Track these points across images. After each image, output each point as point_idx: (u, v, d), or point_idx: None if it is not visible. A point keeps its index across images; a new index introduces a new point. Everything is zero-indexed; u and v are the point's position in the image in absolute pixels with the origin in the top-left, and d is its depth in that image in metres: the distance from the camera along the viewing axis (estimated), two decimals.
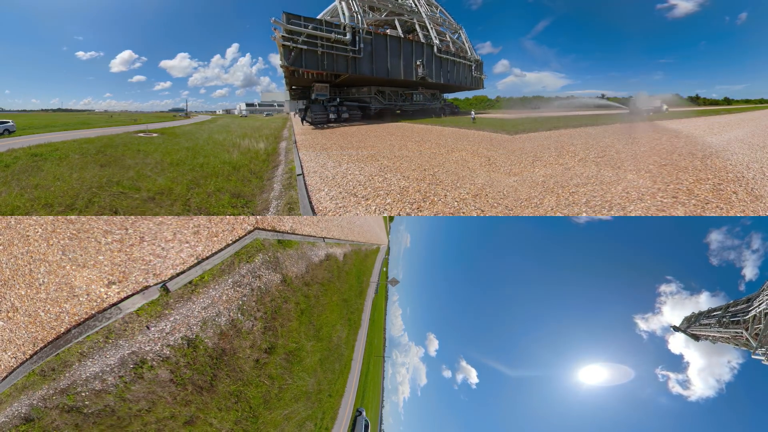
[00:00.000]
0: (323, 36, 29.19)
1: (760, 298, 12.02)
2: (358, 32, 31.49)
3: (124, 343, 6.66)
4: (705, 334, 17.31)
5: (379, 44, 34.00)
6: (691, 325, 19.30)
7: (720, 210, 7.75)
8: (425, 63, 38.21)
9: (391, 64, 35.35)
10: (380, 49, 34.19)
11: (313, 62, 29.77)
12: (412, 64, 37.30)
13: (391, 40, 35.39)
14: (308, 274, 11.95)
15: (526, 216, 7.89)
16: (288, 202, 9.77)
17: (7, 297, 6.47)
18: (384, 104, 41.53)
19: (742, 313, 13.19)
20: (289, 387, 9.66)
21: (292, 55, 28.18)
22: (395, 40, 35.95)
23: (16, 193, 9.38)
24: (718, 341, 15.93)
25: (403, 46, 36.18)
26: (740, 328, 12.78)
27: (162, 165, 13.93)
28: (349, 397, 19.56)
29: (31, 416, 6.04)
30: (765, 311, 10.83)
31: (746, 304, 13.46)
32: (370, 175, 11.23)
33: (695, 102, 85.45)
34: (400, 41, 36.22)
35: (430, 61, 39.54)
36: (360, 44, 31.83)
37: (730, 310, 14.72)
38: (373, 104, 40.23)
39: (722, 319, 14.94)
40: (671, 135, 21.52)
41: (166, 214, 8.61)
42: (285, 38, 27.01)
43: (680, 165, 11.91)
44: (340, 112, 36.05)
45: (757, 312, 11.73)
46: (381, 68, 34.78)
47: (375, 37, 33.54)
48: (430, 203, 8.46)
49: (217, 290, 7.91)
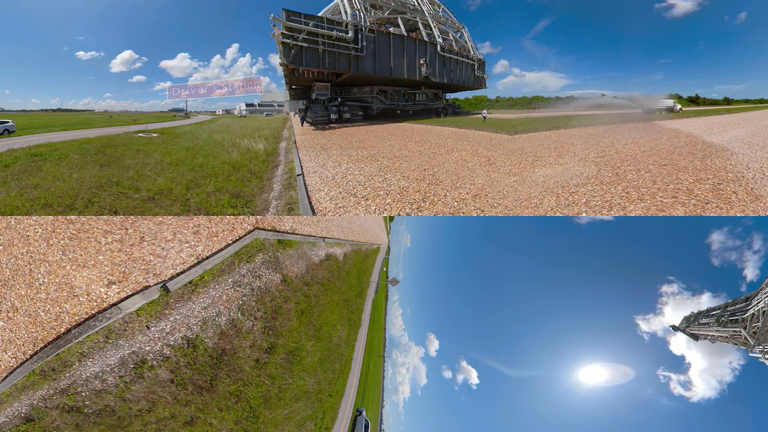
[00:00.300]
0: (325, 34, 28.44)
1: (758, 297, 12.02)
2: (361, 30, 30.46)
3: (125, 343, 6.66)
4: (704, 334, 17.31)
5: (382, 42, 32.92)
6: (691, 324, 19.30)
7: (720, 210, 7.75)
8: (428, 62, 37.57)
9: (394, 63, 34.30)
10: (383, 48, 33.12)
11: (314, 60, 28.72)
12: (416, 63, 36.44)
13: (395, 39, 34.32)
14: (308, 273, 11.95)
15: (529, 216, 7.90)
16: (288, 203, 9.78)
17: (7, 297, 6.47)
18: (386, 104, 40.78)
19: (741, 312, 13.19)
20: (290, 387, 9.67)
21: (292, 53, 27.33)
22: (398, 38, 34.91)
23: (16, 193, 9.39)
24: (717, 341, 15.94)
25: (406, 45, 35.27)
26: (739, 326, 12.78)
27: (162, 165, 13.94)
28: (350, 397, 19.57)
29: (32, 416, 6.05)
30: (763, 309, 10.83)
31: (745, 303, 13.46)
32: (370, 175, 11.24)
33: (695, 102, 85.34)
34: (403, 40, 35.25)
35: (434, 60, 38.60)
36: (363, 42, 30.71)
37: (729, 309, 14.72)
38: (375, 104, 39.49)
39: (721, 319, 14.94)
40: (671, 135, 21.53)
41: (165, 214, 8.61)
42: (285, 35, 26.33)
43: (680, 165, 11.92)
44: (341, 112, 35.29)
45: (755, 310, 11.74)
46: (384, 67, 33.74)
47: (378, 35, 32.45)
48: (430, 203, 8.46)
49: (217, 290, 7.91)
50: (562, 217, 7.58)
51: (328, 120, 34.12)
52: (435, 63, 38.90)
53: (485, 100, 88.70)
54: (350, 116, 35.91)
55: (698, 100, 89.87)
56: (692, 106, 76.85)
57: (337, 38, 29.18)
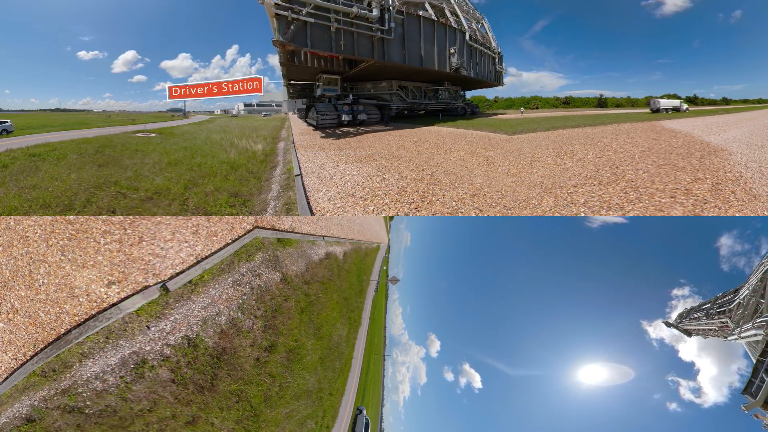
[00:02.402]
0: (340, 10, 21.28)
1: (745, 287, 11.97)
2: (388, 10, 23.94)
3: (125, 343, 6.68)
4: (694, 328, 17.31)
5: (411, 26, 26.28)
6: (683, 320, 19.29)
7: (718, 210, 7.79)
8: (458, 52, 31.25)
9: (425, 51, 27.49)
10: (413, 33, 26.56)
11: (324, 41, 21.12)
12: (446, 52, 29.89)
13: (425, 23, 27.59)
14: (308, 272, 11.98)
15: (544, 216, 7.93)
16: (286, 203, 9.79)
17: (7, 298, 6.48)
18: (408, 102, 34.48)
19: (728, 303, 13.19)
20: (290, 385, 9.70)
21: (291, 30, 19.40)
22: (429, 22, 28.10)
23: (15, 194, 9.38)
24: (709, 335, 15.92)
25: (437, 31, 28.68)
26: (725, 317, 12.76)
27: (160, 165, 13.93)
28: (350, 396, 19.61)
29: (33, 416, 6.06)
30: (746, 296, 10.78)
31: (733, 294, 13.43)
32: (368, 175, 11.25)
33: (693, 102, 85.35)
34: (434, 24, 28.47)
35: (462, 50, 32.09)
36: (390, 23, 23.82)
37: (718, 302, 14.72)
38: (395, 103, 33.12)
39: (710, 311, 14.93)
40: (669, 135, 21.59)
41: (164, 213, 8.62)
42: (279, 6, 18.70)
43: (678, 165, 11.96)
44: (355, 112, 28.99)
45: (741, 299, 11.68)
46: (414, 55, 26.65)
47: (407, 17, 26.00)
48: (429, 203, 8.48)
49: (217, 289, 7.93)
50: (573, 217, 7.62)
51: (338, 122, 28.39)
52: (463, 53, 32.50)
53: (483, 100, 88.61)
54: (366, 117, 29.98)
55: (697, 101, 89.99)
56: (691, 106, 76.98)
57: (357, 16, 22.26)
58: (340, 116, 28.35)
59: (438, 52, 29.04)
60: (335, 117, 28.33)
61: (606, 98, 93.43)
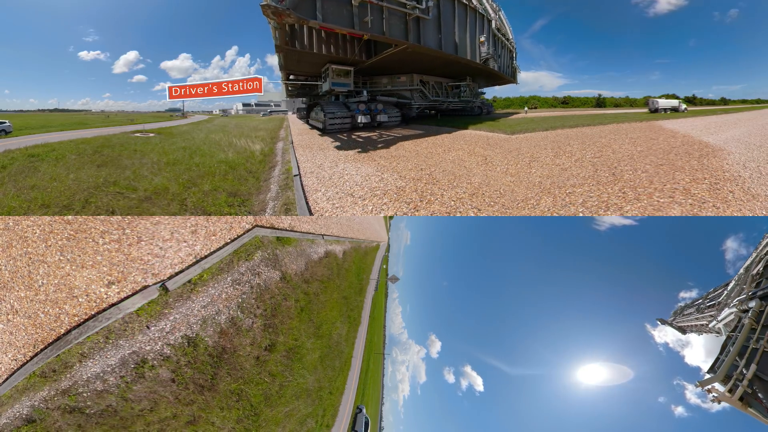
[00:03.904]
0: None
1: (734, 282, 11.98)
2: None
3: (125, 343, 6.69)
4: (687, 325, 17.32)
5: (446, 9, 21.40)
6: (677, 317, 19.28)
7: (717, 209, 7.82)
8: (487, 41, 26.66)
9: (458, 37, 22.60)
10: (448, 16, 21.77)
11: (342, 16, 15.30)
12: (476, 41, 25.24)
13: (459, 6, 22.79)
14: (308, 271, 12.00)
15: (549, 216, 7.95)
16: (285, 203, 9.80)
17: (6, 299, 6.48)
18: (430, 100, 29.39)
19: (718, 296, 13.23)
20: (290, 384, 9.72)
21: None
22: (462, 6, 23.23)
23: (13, 194, 9.38)
24: (702, 332, 15.94)
25: (468, 16, 24.15)
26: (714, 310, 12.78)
27: (159, 165, 13.92)
28: (350, 395, 19.65)
29: (33, 417, 6.07)
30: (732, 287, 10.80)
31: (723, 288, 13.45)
32: (367, 175, 11.27)
33: (692, 102, 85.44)
34: (466, 9, 23.63)
35: (488, 39, 27.49)
36: (428, 2, 18.41)
37: (710, 296, 14.75)
38: (416, 101, 28.02)
39: (701, 306, 14.95)
40: (668, 135, 21.64)
41: (163, 213, 8.62)
42: None
43: (677, 164, 11.99)
44: (373, 113, 23.99)
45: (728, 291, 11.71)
46: (449, 42, 21.87)
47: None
48: (427, 203, 8.50)
49: (216, 288, 7.94)
50: (581, 217, 7.64)
51: (351, 125, 23.63)
52: (489, 44, 27.96)
53: None
54: (387, 119, 25.21)
55: (695, 101, 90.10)
56: (689, 106, 77.11)
57: None
58: (354, 117, 23.49)
59: (470, 40, 24.54)
60: (348, 118, 23.41)
61: (604, 98, 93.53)
